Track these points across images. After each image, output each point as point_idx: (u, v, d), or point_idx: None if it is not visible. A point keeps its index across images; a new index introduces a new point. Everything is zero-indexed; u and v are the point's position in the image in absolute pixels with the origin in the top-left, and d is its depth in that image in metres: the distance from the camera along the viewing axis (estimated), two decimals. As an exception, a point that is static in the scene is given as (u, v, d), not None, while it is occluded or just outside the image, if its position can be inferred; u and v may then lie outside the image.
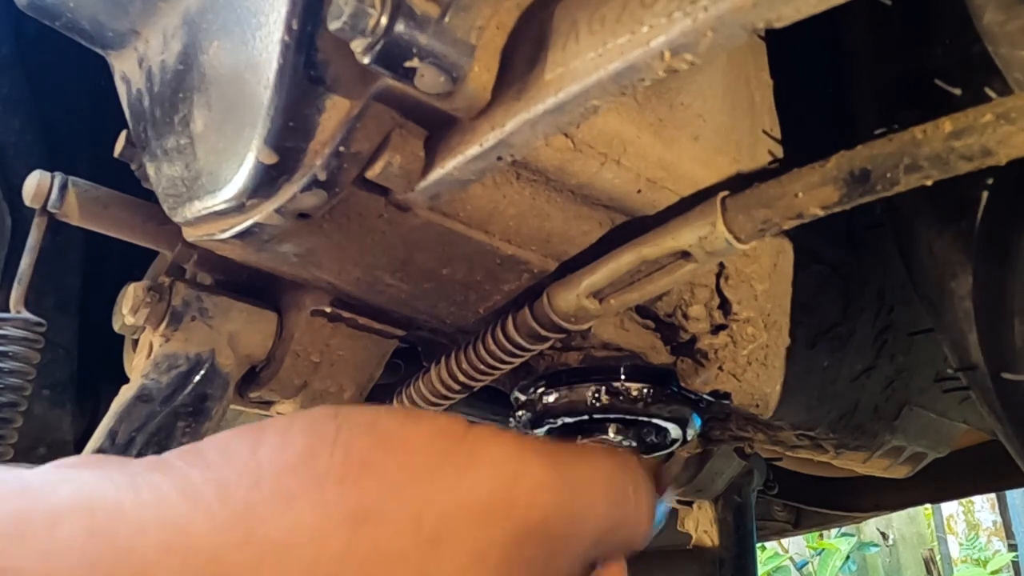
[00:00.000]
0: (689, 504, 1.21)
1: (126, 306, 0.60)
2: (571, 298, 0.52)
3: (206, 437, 0.32)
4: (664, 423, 0.65)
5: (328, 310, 0.62)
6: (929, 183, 0.39)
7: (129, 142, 0.60)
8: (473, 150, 0.41)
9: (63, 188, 0.61)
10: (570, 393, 0.64)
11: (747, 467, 1.16)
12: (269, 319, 0.64)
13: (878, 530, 5.81)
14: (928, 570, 5.91)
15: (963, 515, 7.20)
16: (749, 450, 1.01)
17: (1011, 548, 5.89)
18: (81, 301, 0.95)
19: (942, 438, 0.84)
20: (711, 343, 0.60)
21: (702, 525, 1.19)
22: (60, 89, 0.93)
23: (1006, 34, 0.40)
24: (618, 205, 0.52)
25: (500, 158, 0.41)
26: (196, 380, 0.59)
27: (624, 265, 0.49)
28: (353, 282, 0.56)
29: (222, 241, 0.50)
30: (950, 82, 0.51)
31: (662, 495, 0.55)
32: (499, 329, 0.56)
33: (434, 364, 0.63)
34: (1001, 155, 0.37)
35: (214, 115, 0.48)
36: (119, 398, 0.58)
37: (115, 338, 0.70)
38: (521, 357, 0.57)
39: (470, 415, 0.96)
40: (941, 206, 0.56)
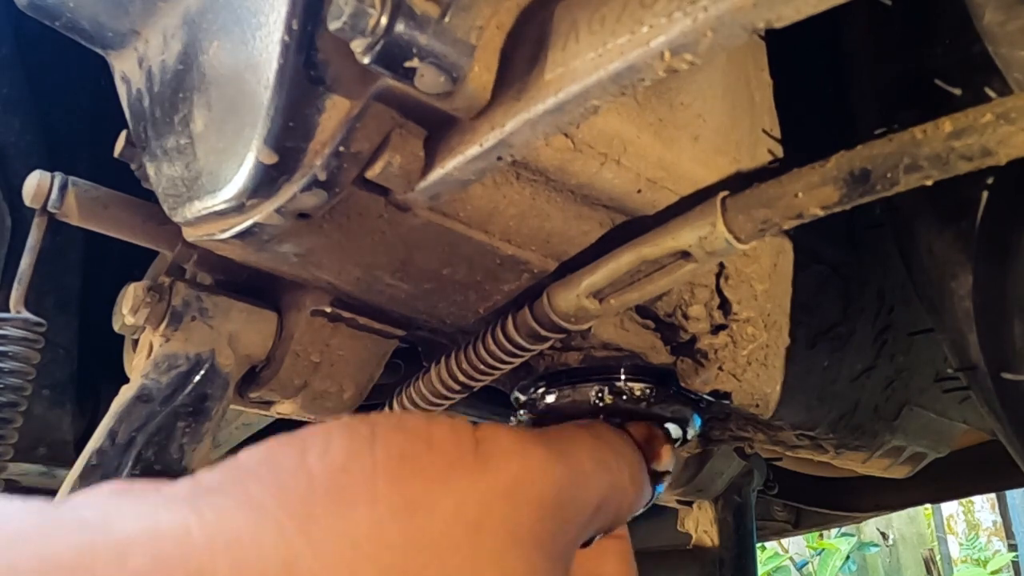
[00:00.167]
0: (689, 504, 1.21)
1: (126, 306, 0.60)
2: (571, 298, 0.52)
3: (240, 453, 0.33)
4: (664, 423, 0.65)
5: (328, 310, 0.62)
6: (929, 183, 0.39)
7: (129, 142, 0.60)
8: (473, 150, 0.41)
9: (63, 188, 0.61)
10: (572, 393, 0.64)
11: (747, 467, 1.16)
12: (269, 319, 0.64)
13: (878, 530, 5.81)
14: (928, 570, 5.91)
15: (963, 515, 7.20)
16: (749, 450, 1.01)
17: (1011, 548, 5.89)
18: (81, 301, 0.95)
19: (942, 438, 0.84)
20: (711, 343, 0.60)
21: (702, 525, 1.19)
22: (60, 89, 0.93)
23: (1006, 34, 0.40)
24: (618, 205, 0.52)
25: (500, 158, 0.41)
26: (196, 380, 0.60)
27: (624, 265, 0.49)
28: (353, 282, 0.56)
29: (222, 241, 0.50)
30: (950, 82, 0.51)
31: (659, 460, 0.55)
32: (499, 329, 0.56)
33: (434, 364, 0.63)
34: (1001, 155, 0.37)
35: (214, 115, 0.48)
36: (119, 398, 0.58)
37: (115, 338, 0.70)
38: (521, 357, 0.57)
39: (470, 415, 0.96)
40: (941, 206, 0.56)
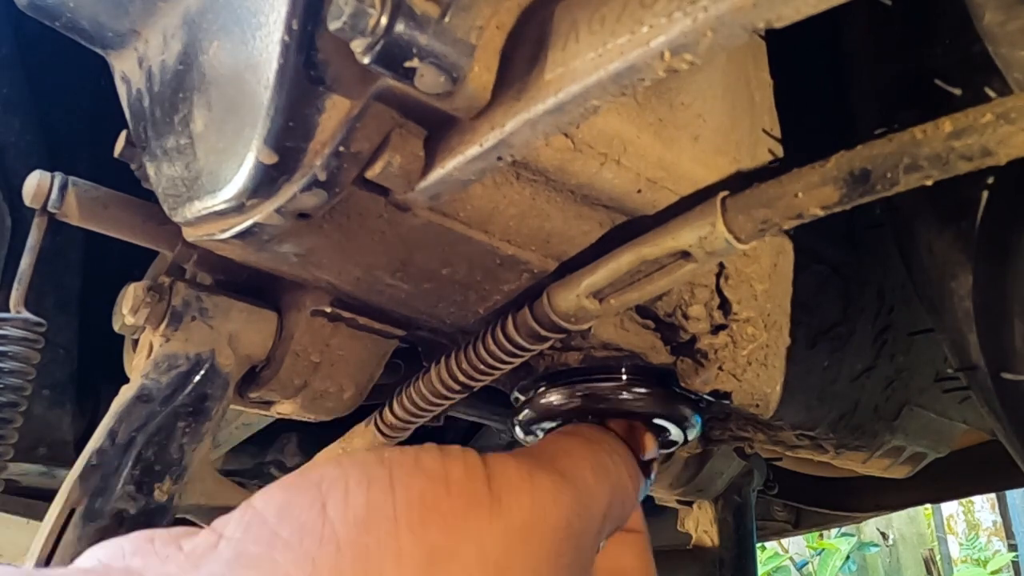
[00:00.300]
0: (689, 504, 1.21)
1: (126, 306, 0.60)
2: (571, 298, 0.52)
3: (254, 497, 0.32)
4: (665, 424, 0.65)
5: (328, 310, 0.62)
6: (929, 183, 0.39)
7: (129, 142, 0.60)
8: (473, 150, 0.41)
9: (63, 188, 0.61)
10: (574, 392, 0.64)
11: (747, 467, 1.16)
12: (269, 319, 0.64)
13: (878, 530, 5.81)
14: (928, 570, 5.91)
15: (963, 515, 7.20)
16: (749, 450, 1.00)
17: (1011, 548, 5.89)
18: (81, 301, 0.95)
19: (942, 438, 0.84)
20: (711, 343, 0.60)
21: (702, 525, 1.19)
22: (60, 89, 0.93)
23: (1006, 34, 0.40)
24: (618, 205, 0.52)
25: (500, 158, 0.41)
26: (196, 380, 0.60)
27: (624, 265, 0.49)
28: (353, 282, 0.56)
29: (222, 241, 0.50)
30: (950, 82, 0.51)
31: (645, 450, 0.55)
32: (499, 329, 0.56)
33: (434, 364, 0.63)
34: (1001, 155, 0.37)
35: (214, 115, 0.48)
36: (119, 398, 0.58)
37: (115, 338, 0.70)
38: (521, 357, 0.57)
39: (470, 415, 0.96)
40: (941, 206, 0.56)
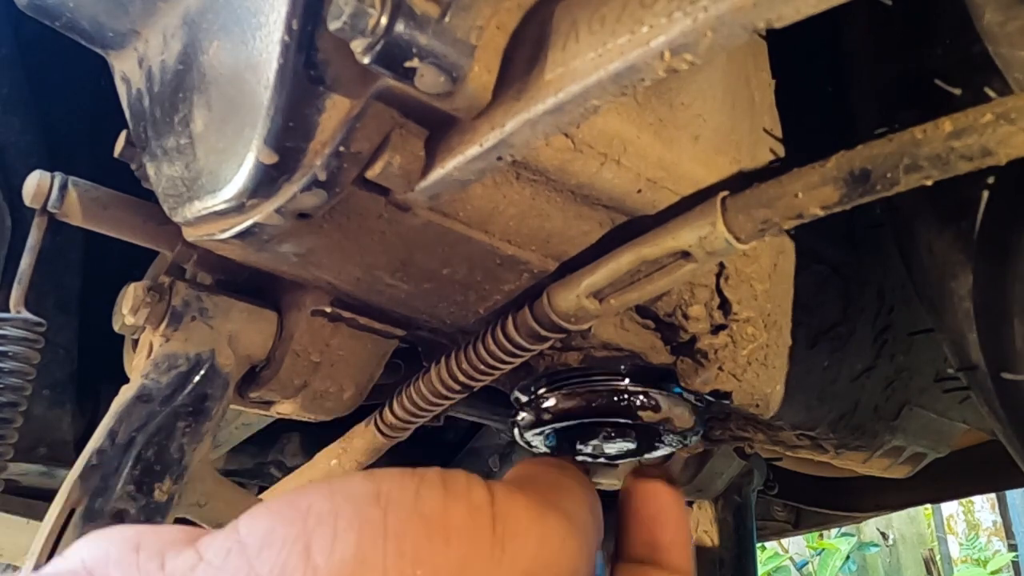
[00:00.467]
0: (689, 504, 1.21)
1: (126, 306, 0.60)
2: (571, 298, 0.52)
3: (240, 519, 0.31)
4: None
5: (328, 310, 0.62)
6: (929, 183, 0.39)
7: (129, 142, 0.60)
8: (473, 150, 0.41)
9: (63, 188, 0.61)
10: (574, 393, 0.64)
11: (747, 467, 1.16)
12: (269, 319, 0.64)
13: (878, 530, 5.81)
14: (928, 570, 5.91)
15: (963, 515, 7.20)
16: (749, 450, 1.00)
17: (1011, 548, 5.89)
18: (81, 301, 0.95)
19: (942, 438, 0.84)
20: (711, 343, 0.60)
21: (702, 525, 1.19)
22: (60, 89, 0.93)
23: (1006, 34, 0.40)
24: (618, 205, 0.52)
25: (500, 158, 0.41)
26: (196, 380, 0.60)
27: (624, 265, 0.49)
28: (353, 282, 0.56)
29: (222, 241, 0.50)
30: (950, 82, 0.51)
31: None
32: (499, 329, 0.56)
33: (434, 364, 0.63)
34: (1001, 155, 0.37)
35: (214, 115, 0.48)
36: (119, 398, 0.58)
37: (115, 338, 0.70)
38: (521, 357, 0.57)
39: (470, 415, 0.96)
40: (941, 206, 0.56)
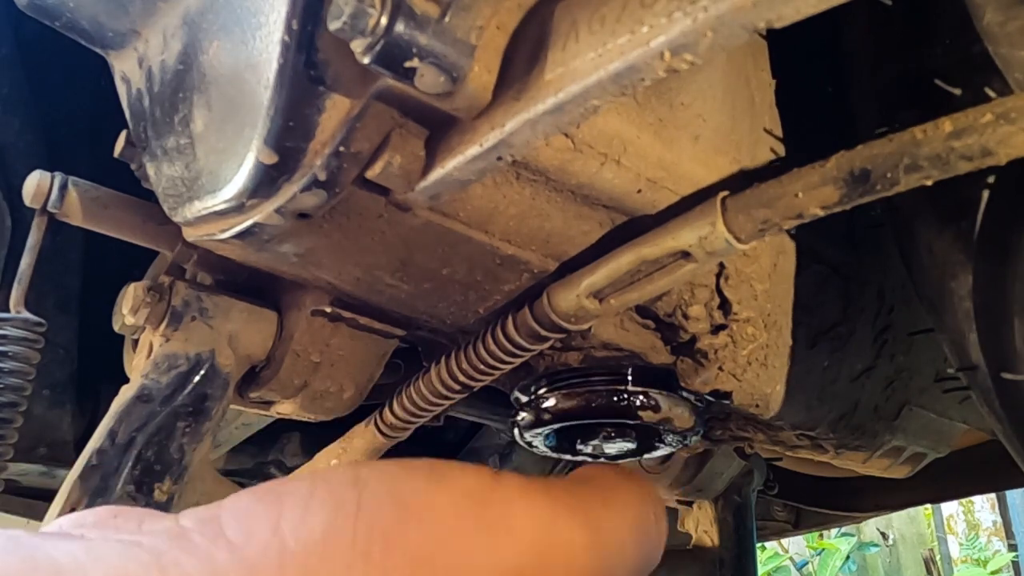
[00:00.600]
0: (689, 504, 1.21)
1: (126, 306, 0.60)
2: (571, 298, 0.52)
3: (228, 497, 0.31)
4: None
5: (328, 310, 0.62)
6: (929, 183, 0.39)
7: (129, 142, 0.60)
8: (473, 150, 0.41)
9: (63, 188, 0.61)
10: (574, 393, 0.64)
11: (747, 467, 1.16)
12: (269, 319, 0.64)
13: (878, 530, 5.81)
14: (928, 570, 5.91)
15: (963, 515, 7.20)
16: (749, 450, 1.00)
17: (1011, 548, 5.89)
18: (81, 301, 0.95)
19: (942, 438, 0.84)
20: (711, 343, 0.60)
21: (702, 525, 1.19)
22: (60, 89, 0.93)
23: (1006, 34, 0.40)
24: (618, 205, 0.52)
25: (500, 158, 0.41)
26: (196, 380, 0.59)
27: (624, 265, 0.49)
28: (353, 282, 0.56)
29: (222, 241, 0.50)
30: (950, 82, 0.51)
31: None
32: (499, 329, 0.56)
33: (434, 364, 0.63)
34: (1001, 155, 0.37)
35: (214, 115, 0.47)
36: (119, 398, 0.58)
37: (115, 338, 0.70)
38: (521, 357, 0.57)
39: (470, 415, 0.96)
40: (941, 206, 0.56)
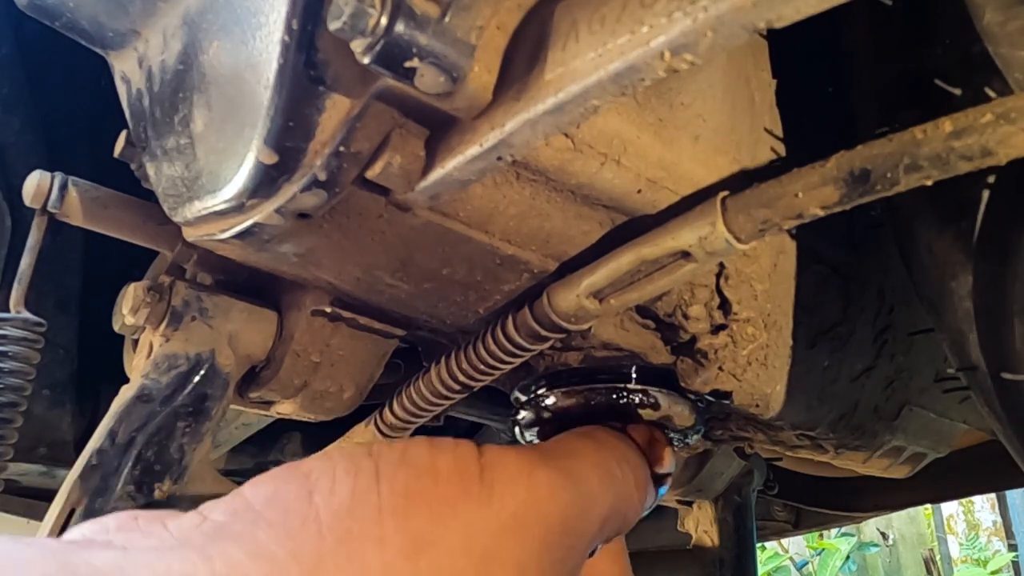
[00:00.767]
0: (689, 504, 1.21)
1: (126, 306, 0.60)
2: (571, 298, 0.52)
3: (243, 486, 0.33)
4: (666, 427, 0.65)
5: (328, 310, 0.62)
6: (929, 183, 0.39)
7: (129, 142, 0.60)
8: (473, 150, 0.41)
9: (63, 188, 0.61)
10: (574, 393, 0.64)
11: (747, 467, 1.16)
12: (269, 319, 0.64)
13: (878, 530, 5.81)
14: (928, 570, 5.91)
15: (963, 515, 7.20)
16: (749, 450, 1.01)
17: (1011, 548, 5.89)
18: (81, 301, 0.95)
19: (942, 438, 0.84)
20: (711, 343, 0.60)
21: (702, 525, 1.19)
22: (60, 89, 0.93)
23: (1006, 34, 0.40)
24: (618, 205, 0.52)
25: (500, 158, 0.41)
26: (196, 380, 0.59)
27: (624, 265, 0.49)
28: (353, 282, 0.56)
29: (222, 241, 0.50)
30: (950, 82, 0.51)
31: (661, 463, 0.55)
32: (499, 329, 0.56)
33: (434, 364, 0.63)
34: (1001, 155, 0.37)
35: (214, 115, 0.48)
36: (119, 398, 0.58)
37: (115, 338, 0.70)
38: (521, 357, 0.57)
39: (470, 415, 0.96)
40: (941, 206, 0.56)
